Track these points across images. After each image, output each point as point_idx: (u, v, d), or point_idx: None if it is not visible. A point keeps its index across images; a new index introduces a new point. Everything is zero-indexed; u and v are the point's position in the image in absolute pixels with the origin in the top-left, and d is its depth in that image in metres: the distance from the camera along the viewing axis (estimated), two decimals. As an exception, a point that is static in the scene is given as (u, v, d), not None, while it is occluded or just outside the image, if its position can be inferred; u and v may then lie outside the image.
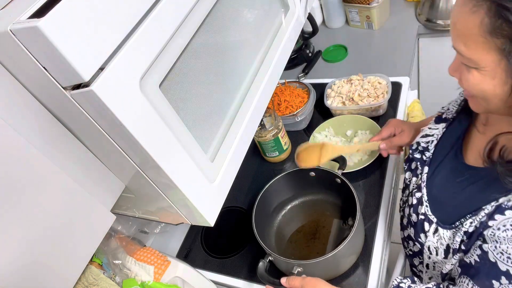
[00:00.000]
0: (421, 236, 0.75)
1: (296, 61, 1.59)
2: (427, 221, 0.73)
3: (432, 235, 0.72)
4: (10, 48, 0.40)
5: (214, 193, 0.63)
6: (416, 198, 0.78)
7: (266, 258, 0.89)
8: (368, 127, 1.21)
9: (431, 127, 0.84)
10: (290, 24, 0.85)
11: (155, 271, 0.92)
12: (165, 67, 0.52)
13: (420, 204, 0.76)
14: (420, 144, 0.83)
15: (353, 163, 1.15)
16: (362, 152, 1.17)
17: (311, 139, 1.23)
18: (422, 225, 0.74)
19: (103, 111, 0.44)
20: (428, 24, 1.51)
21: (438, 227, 0.71)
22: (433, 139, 0.81)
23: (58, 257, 0.51)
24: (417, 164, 0.82)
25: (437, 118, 0.85)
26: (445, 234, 0.70)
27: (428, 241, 0.73)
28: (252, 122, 0.72)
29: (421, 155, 0.82)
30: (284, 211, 1.11)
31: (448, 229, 0.69)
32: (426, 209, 0.74)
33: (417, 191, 0.78)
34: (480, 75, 0.57)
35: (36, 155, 0.46)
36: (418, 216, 0.76)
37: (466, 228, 0.65)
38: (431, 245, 0.73)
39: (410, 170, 0.84)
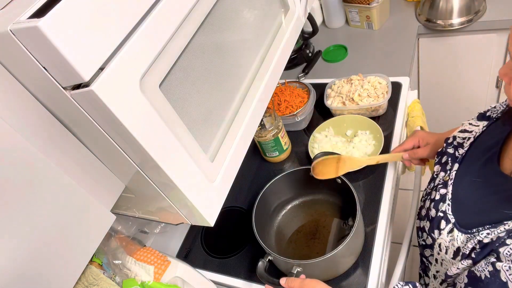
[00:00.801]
0: (435, 232, 0.73)
1: (296, 61, 1.60)
2: (445, 219, 0.72)
3: (446, 234, 0.71)
4: (10, 48, 0.40)
5: (214, 193, 0.63)
6: (440, 194, 0.76)
7: (265, 258, 0.89)
8: (368, 127, 1.20)
9: (472, 123, 0.81)
10: (290, 24, 0.85)
11: (155, 271, 0.92)
12: (165, 67, 0.52)
13: (442, 201, 0.74)
14: (456, 139, 0.80)
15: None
16: (362, 152, 1.17)
17: (311, 139, 1.22)
18: (439, 222, 0.73)
19: (103, 111, 0.44)
20: (428, 24, 1.51)
21: (454, 228, 0.70)
22: (470, 136, 0.78)
23: (58, 257, 0.51)
24: (448, 160, 0.79)
25: (481, 115, 0.81)
26: (459, 237, 0.68)
27: (441, 238, 0.72)
28: (252, 122, 0.72)
29: (454, 151, 0.79)
30: (284, 211, 1.11)
31: (463, 233, 0.68)
32: (447, 208, 0.73)
33: (443, 187, 0.76)
34: None
35: (36, 155, 0.46)
36: (437, 212, 0.74)
37: (482, 238, 0.64)
38: (443, 243, 0.72)
39: (440, 164, 0.81)
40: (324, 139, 1.23)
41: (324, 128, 1.26)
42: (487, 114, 0.79)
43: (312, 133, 1.24)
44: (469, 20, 1.45)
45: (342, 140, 1.23)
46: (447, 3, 1.46)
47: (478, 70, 1.57)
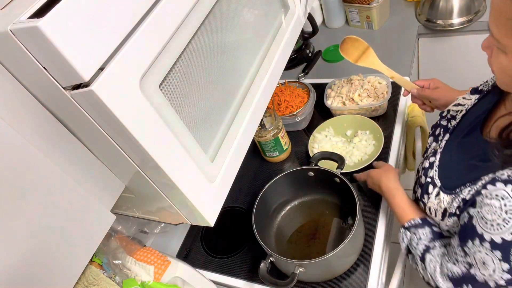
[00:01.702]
0: (425, 197, 0.79)
1: (296, 61, 1.59)
2: (432, 184, 0.78)
3: (434, 197, 0.76)
4: (10, 48, 0.40)
5: (214, 193, 0.63)
6: (429, 162, 0.81)
7: (267, 259, 0.89)
8: (368, 127, 1.20)
9: (465, 97, 0.86)
10: (290, 24, 0.85)
11: (155, 271, 0.92)
12: (165, 67, 0.52)
13: (430, 167, 0.80)
14: (450, 112, 0.86)
15: (353, 163, 1.15)
16: (362, 152, 1.17)
17: (311, 139, 1.23)
18: (427, 188, 0.78)
19: (103, 111, 0.44)
20: (428, 24, 1.51)
21: (440, 191, 0.75)
22: (463, 109, 0.83)
23: (58, 257, 0.51)
24: (440, 131, 0.85)
25: (473, 89, 0.86)
26: (444, 199, 0.74)
27: (430, 202, 0.77)
28: (252, 122, 0.72)
29: (447, 123, 0.85)
30: (284, 211, 1.11)
31: (448, 194, 0.73)
32: (435, 173, 0.78)
33: (432, 155, 0.82)
34: (506, 59, 0.58)
35: (36, 155, 0.46)
36: (426, 178, 0.80)
37: (464, 196, 0.69)
38: (432, 206, 0.77)
39: (433, 136, 0.87)
40: (324, 139, 1.23)
41: (324, 128, 1.26)
42: (479, 88, 0.85)
43: (312, 133, 1.25)
44: (469, 20, 1.45)
45: (342, 140, 1.23)
46: (447, 3, 1.46)
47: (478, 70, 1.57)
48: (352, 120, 1.24)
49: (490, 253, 0.61)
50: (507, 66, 0.58)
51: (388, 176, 0.93)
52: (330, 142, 1.22)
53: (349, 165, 1.15)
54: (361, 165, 1.11)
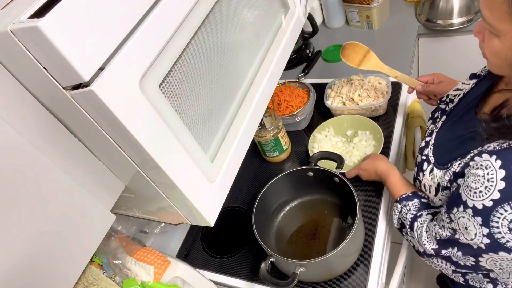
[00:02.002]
0: (420, 175, 0.83)
1: (296, 61, 1.59)
2: (427, 161, 0.81)
3: (428, 174, 0.80)
4: (10, 48, 0.40)
5: (214, 193, 0.63)
6: (425, 142, 0.85)
7: (268, 260, 0.89)
8: (368, 127, 1.20)
9: (464, 82, 0.88)
10: (290, 24, 0.85)
11: (155, 271, 0.92)
12: (165, 67, 0.52)
13: (426, 146, 0.84)
14: (449, 96, 0.88)
15: (352, 163, 1.15)
16: (362, 152, 1.17)
17: (311, 139, 1.23)
18: (422, 165, 0.82)
19: (103, 111, 0.44)
20: (428, 24, 1.51)
21: (434, 168, 0.79)
22: (461, 93, 0.85)
23: (58, 257, 0.51)
24: (438, 114, 0.88)
25: (472, 75, 0.89)
26: (437, 174, 0.77)
27: (425, 179, 0.81)
28: (252, 122, 0.72)
29: (445, 106, 0.88)
30: (284, 211, 1.11)
31: (441, 169, 0.77)
32: (429, 151, 0.82)
33: (429, 136, 0.85)
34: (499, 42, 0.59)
35: (36, 155, 0.46)
36: (421, 157, 0.84)
37: (455, 169, 0.72)
38: (426, 183, 0.81)
39: (432, 119, 0.90)
40: (324, 139, 1.23)
41: (324, 128, 1.26)
42: (477, 73, 0.88)
43: (312, 133, 1.25)
44: (469, 20, 1.45)
45: (342, 140, 1.23)
46: (447, 3, 1.46)
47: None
48: (352, 120, 1.24)
49: (471, 218, 0.65)
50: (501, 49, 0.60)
51: (380, 160, 0.98)
52: (330, 142, 1.22)
53: (348, 165, 1.15)
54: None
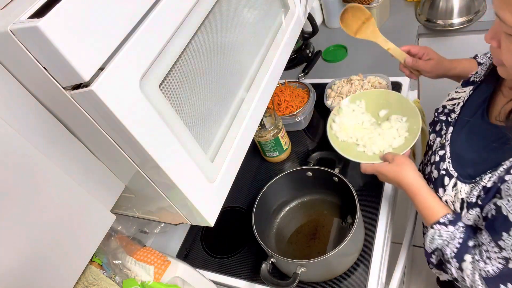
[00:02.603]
0: (440, 191, 0.77)
1: (296, 61, 1.59)
2: (448, 175, 0.76)
3: (451, 189, 0.74)
4: (10, 48, 0.40)
5: (214, 193, 0.63)
6: (439, 156, 0.80)
7: (268, 260, 0.89)
8: (408, 112, 0.98)
9: (458, 90, 0.86)
10: (290, 24, 0.85)
11: (155, 271, 0.92)
12: (165, 67, 0.52)
13: (442, 160, 0.78)
14: (446, 107, 0.86)
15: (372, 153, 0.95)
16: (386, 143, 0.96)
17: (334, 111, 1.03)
18: (442, 180, 0.76)
19: (103, 111, 0.44)
20: (428, 24, 1.51)
21: (457, 181, 0.73)
22: (460, 102, 0.83)
23: (58, 257, 0.51)
24: (442, 126, 0.84)
25: (465, 82, 0.87)
26: (462, 188, 0.71)
27: (446, 195, 0.75)
28: (252, 122, 0.72)
29: (446, 117, 0.84)
30: (284, 211, 1.11)
31: (467, 184, 0.71)
32: (448, 165, 0.77)
33: (440, 149, 0.80)
34: None
35: (36, 155, 0.46)
36: (439, 172, 0.78)
37: (485, 183, 0.67)
38: (448, 199, 0.75)
39: (435, 132, 0.86)
40: (350, 114, 1.03)
41: (354, 100, 1.05)
42: (471, 80, 0.85)
43: (340, 104, 1.05)
44: (469, 20, 1.45)
45: (371, 121, 1.02)
46: (447, 3, 1.46)
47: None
48: (393, 99, 1.02)
49: None
50: None
51: (408, 169, 0.81)
52: (356, 119, 1.01)
53: (366, 155, 0.95)
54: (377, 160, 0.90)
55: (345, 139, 0.99)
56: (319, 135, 1.32)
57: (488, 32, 0.63)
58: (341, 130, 1.00)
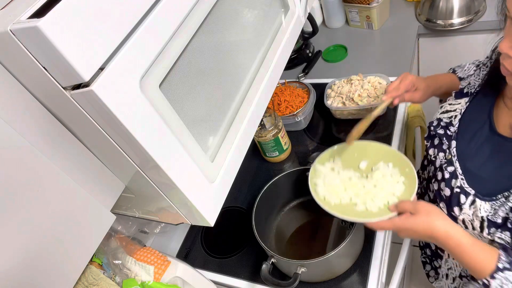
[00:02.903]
0: (455, 210, 0.73)
1: (296, 61, 1.60)
2: (463, 193, 0.72)
3: (468, 207, 0.70)
4: (10, 48, 0.40)
5: (214, 193, 0.63)
6: (449, 172, 0.76)
7: (268, 260, 0.89)
8: (390, 158, 0.87)
9: (452, 102, 0.84)
10: (290, 24, 0.85)
11: (155, 271, 0.92)
12: (165, 67, 0.52)
13: (454, 177, 0.75)
14: (442, 120, 0.83)
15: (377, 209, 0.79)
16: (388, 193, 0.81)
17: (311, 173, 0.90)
18: (457, 198, 0.72)
19: (103, 111, 0.44)
20: (428, 24, 1.51)
21: (475, 199, 0.70)
22: (457, 114, 0.81)
23: (58, 257, 0.51)
24: (442, 140, 0.81)
25: (458, 93, 0.85)
26: (482, 206, 0.68)
27: (463, 214, 0.71)
28: (252, 122, 0.72)
29: (444, 131, 0.81)
30: (284, 211, 1.11)
31: (487, 201, 0.68)
32: (462, 182, 0.73)
33: (449, 165, 0.77)
34: None
35: (36, 155, 0.46)
36: (452, 189, 0.74)
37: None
38: (466, 218, 0.71)
39: (434, 147, 0.83)
40: (330, 173, 0.90)
41: (327, 159, 0.93)
42: (464, 91, 0.83)
43: (313, 164, 0.92)
44: (469, 20, 1.45)
45: (357, 175, 0.88)
46: (447, 3, 1.46)
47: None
48: (365, 148, 0.91)
49: None
50: None
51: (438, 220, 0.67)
52: (340, 177, 0.88)
53: (371, 212, 0.79)
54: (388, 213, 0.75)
55: (337, 201, 0.82)
56: (319, 135, 1.32)
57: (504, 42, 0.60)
58: (330, 193, 0.84)
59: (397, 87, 0.89)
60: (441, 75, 0.98)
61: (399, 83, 0.90)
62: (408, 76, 0.91)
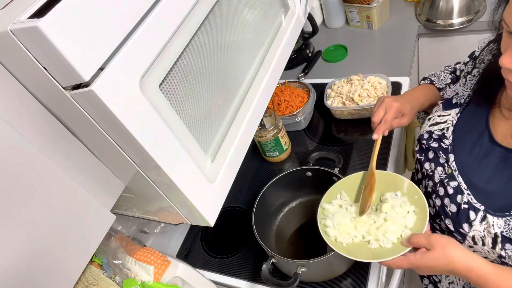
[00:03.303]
0: (464, 226, 0.70)
1: (296, 61, 1.60)
2: (472, 209, 0.70)
3: (479, 224, 0.68)
4: (10, 48, 0.40)
5: (214, 193, 0.63)
6: (452, 188, 0.73)
7: (269, 260, 0.89)
8: (397, 186, 0.83)
9: (441, 114, 0.81)
10: (290, 24, 0.85)
11: (155, 271, 0.92)
12: (165, 67, 0.52)
13: (459, 193, 0.72)
14: (434, 132, 0.80)
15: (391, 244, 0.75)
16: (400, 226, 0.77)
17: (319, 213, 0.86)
18: (466, 215, 0.70)
19: (103, 111, 0.44)
20: (428, 24, 1.51)
21: (486, 215, 0.68)
22: (448, 126, 0.78)
23: (57, 257, 0.51)
24: (438, 153, 0.78)
25: (446, 104, 0.82)
26: (495, 222, 0.66)
27: (473, 230, 0.69)
28: (252, 122, 0.72)
29: (438, 144, 0.78)
30: (284, 211, 1.11)
31: (500, 217, 0.66)
32: (469, 198, 0.71)
33: (451, 180, 0.74)
34: None
35: (36, 155, 0.46)
36: (459, 206, 0.72)
37: None
38: (477, 234, 0.69)
39: (429, 160, 0.79)
40: (339, 211, 0.85)
41: (334, 195, 0.89)
42: (453, 101, 0.80)
43: (320, 204, 0.88)
44: (469, 20, 1.45)
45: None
46: (447, 3, 1.46)
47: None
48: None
49: None
50: None
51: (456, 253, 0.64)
52: (349, 214, 0.83)
53: (385, 248, 0.75)
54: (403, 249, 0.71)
55: (349, 241, 0.79)
56: (319, 135, 1.32)
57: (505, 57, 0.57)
58: (340, 233, 0.80)
59: (385, 120, 0.86)
60: (421, 91, 0.95)
61: (384, 114, 0.86)
62: (391, 104, 0.87)
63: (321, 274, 0.94)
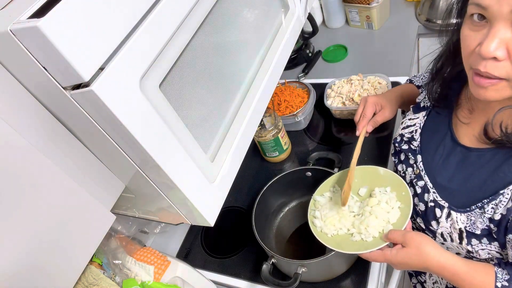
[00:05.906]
0: (433, 224, 0.73)
1: (296, 61, 1.60)
2: (438, 207, 0.72)
3: (445, 220, 0.71)
4: (10, 48, 0.40)
5: (214, 193, 0.63)
6: (420, 187, 0.76)
7: (269, 261, 0.89)
8: (387, 181, 0.84)
9: (411, 117, 0.85)
10: (290, 24, 0.85)
11: (155, 271, 0.92)
12: (165, 67, 0.52)
13: (426, 192, 0.75)
14: (404, 135, 0.84)
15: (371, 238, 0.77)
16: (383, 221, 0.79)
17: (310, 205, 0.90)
18: (433, 212, 0.73)
19: (103, 111, 0.44)
20: (428, 24, 1.51)
21: (450, 211, 0.70)
22: (417, 128, 0.82)
23: (58, 257, 0.52)
24: (408, 155, 0.82)
25: (416, 108, 0.86)
26: (458, 218, 0.69)
27: (441, 227, 0.71)
28: (252, 122, 0.72)
29: (408, 146, 0.82)
30: (284, 211, 1.11)
31: (462, 213, 0.68)
32: (435, 196, 0.73)
33: (419, 180, 0.77)
34: None
35: (36, 155, 0.46)
36: (426, 204, 0.74)
37: (490, 215, 0.64)
38: (444, 231, 0.71)
39: (401, 162, 0.84)
40: (328, 203, 0.88)
41: (327, 188, 0.91)
42: (421, 105, 0.85)
43: (312, 196, 0.91)
44: (469, 20, 1.45)
45: (357, 204, 0.86)
46: (447, 3, 1.46)
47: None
48: (363, 173, 0.88)
49: None
50: None
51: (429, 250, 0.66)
52: (337, 205, 0.85)
53: (366, 242, 0.77)
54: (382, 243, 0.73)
55: (334, 232, 0.81)
56: (319, 135, 1.32)
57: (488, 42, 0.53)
58: (326, 224, 0.82)
59: (364, 115, 0.92)
60: (399, 86, 1.03)
61: (362, 110, 0.94)
62: (366, 99, 0.94)
63: (321, 274, 0.94)
